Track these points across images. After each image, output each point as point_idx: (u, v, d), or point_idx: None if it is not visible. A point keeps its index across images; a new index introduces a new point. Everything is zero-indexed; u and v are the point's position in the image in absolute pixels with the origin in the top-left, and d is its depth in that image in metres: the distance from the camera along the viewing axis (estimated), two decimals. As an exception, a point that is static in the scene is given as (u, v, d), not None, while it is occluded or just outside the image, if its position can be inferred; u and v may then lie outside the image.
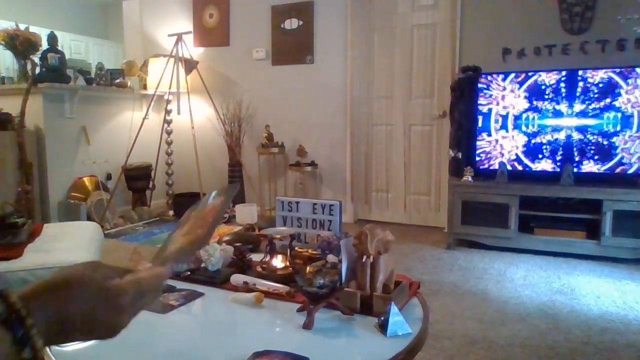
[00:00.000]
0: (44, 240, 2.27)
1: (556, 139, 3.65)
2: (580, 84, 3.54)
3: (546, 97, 3.65)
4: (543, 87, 3.65)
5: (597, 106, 3.52)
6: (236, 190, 0.76)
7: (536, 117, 3.69)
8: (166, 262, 0.57)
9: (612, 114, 3.48)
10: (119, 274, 0.50)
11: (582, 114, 3.56)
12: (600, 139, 3.53)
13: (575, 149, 3.61)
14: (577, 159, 3.60)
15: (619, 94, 3.45)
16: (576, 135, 3.60)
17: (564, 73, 3.59)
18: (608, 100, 3.48)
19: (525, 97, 3.70)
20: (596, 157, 3.56)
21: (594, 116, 3.53)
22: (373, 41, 4.66)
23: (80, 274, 0.46)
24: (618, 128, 3.48)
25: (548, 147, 3.69)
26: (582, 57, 3.79)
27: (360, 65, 4.68)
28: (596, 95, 3.51)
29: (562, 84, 3.59)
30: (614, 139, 3.49)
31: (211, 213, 0.68)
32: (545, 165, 3.71)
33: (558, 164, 3.65)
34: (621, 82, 3.44)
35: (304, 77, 4.91)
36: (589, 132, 3.56)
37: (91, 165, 4.57)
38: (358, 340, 1.19)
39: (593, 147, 3.56)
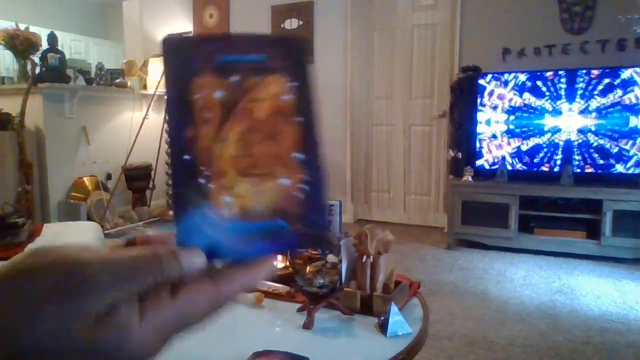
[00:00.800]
0: (44, 240, 2.27)
1: (556, 139, 3.65)
2: (581, 83, 3.54)
3: (546, 97, 3.64)
4: (543, 87, 3.64)
5: (597, 106, 3.51)
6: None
7: (536, 117, 3.69)
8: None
9: (613, 114, 3.48)
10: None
11: (582, 114, 3.56)
12: (600, 139, 3.53)
13: (575, 148, 3.61)
14: (577, 158, 3.60)
15: (621, 94, 3.45)
16: (576, 135, 3.59)
17: (563, 73, 3.59)
18: (608, 100, 3.48)
19: (525, 97, 3.70)
20: (596, 157, 3.56)
21: (593, 116, 3.53)
22: (373, 41, 4.66)
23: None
24: (622, 128, 3.48)
25: (548, 147, 3.68)
26: (582, 57, 3.79)
27: (360, 65, 4.68)
28: (596, 95, 3.51)
29: (563, 84, 3.59)
30: (615, 138, 3.49)
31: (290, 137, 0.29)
32: (545, 165, 3.71)
33: (558, 163, 3.65)
34: (636, 78, 3.44)
35: (304, 77, 4.90)
36: (588, 132, 3.56)
37: (91, 165, 4.57)
38: (358, 340, 1.19)
39: (593, 147, 3.56)
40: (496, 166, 3.78)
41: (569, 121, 3.60)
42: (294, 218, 0.28)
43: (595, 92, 3.51)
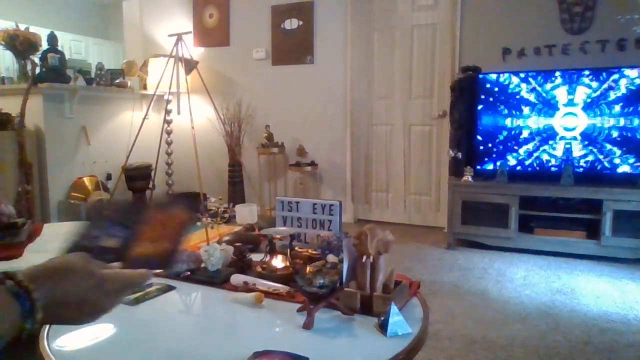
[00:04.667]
0: (44, 240, 2.27)
1: (556, 139, 3.65)
2: (581, 84, 3.54)
3: (546, 97, 3.64)
4: (543, 87, 3.65)
5: (596, 106, 3.51)
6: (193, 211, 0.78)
7: (536, 117, 3.69)
8: (137, 263, 0.65)
9: (613, 114, 3.48)
10: (104, 267, 0.59)
11: (582, 113, 3.56)
12: (600, 139, 3.53)
13: (575, 148, 3.61)
14: (577, 158, 3.60)
15: (622, 94, 3.45)
16: (576, 135, 3.59)
17: (563, 73, 3.59)
18: (608, 100, 3.48)
19: (525, 97, 3.70)
20: (596, 157, 3.56)
21: (593, 116, 3.53)
22: (373, 41, 4.66)
23: (76, 261, 0.56)
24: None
25: (547, 146, 3.68)
26: (582, 57, 3.79)
27: (360, 65, 4.68)
28: (596, 96, 3.51)
29: (563, 84, 3.59)
30: (616, 138, 3.49)
31: (176, 226, 0.71)
32: (545, 165, 3.71)
33: (558, 163, 3.65)
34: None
35: (304, 77, 4.91)
36: (588, 132, 3.56)
37: (91, 165, 4.57)
38: (358, 340, 1.19)
39: (593, 147, 3.56)
40: (496, 166, 3.78)
41: (569, 121, 3.60)
42: (161, 257, 0.67)
43: (596, 93, 3.51)
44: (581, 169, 3.59)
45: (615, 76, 3.45)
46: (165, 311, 1.39)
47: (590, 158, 3.57)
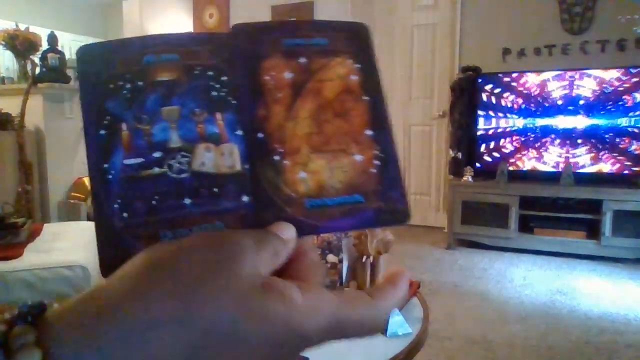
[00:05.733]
0: (44, 240, 2.27)
1: (556, 139, 3.65)
2: (581, 84, 3.54)
3: (545, 97, 3.64)
4: (543, 87, 3.64)
5: (596, 106, 3.51)
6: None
7: (536, 117, 3.69)
8: (337, 219, 0.27)
9: (613, 114, 3.48)
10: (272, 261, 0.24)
11: (582, 113, 3.56)
12: (600, 139, 3.53)
13: (574, 148, 3.61)
14: (577, 158, 3.60)
15: (622, 94, 3.45)
16: (576, 135, 3.59)
17: (563, 73, 3.59)
18: (607, 100, 3.48)
19: (525, 97, 3.70)
20: (596, 156, 3.56)
21: (593, 115, 3.53)
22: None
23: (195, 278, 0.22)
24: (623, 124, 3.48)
25: (547, 146, 3.68)
26: (582, 57, 3.79)
27: (360, 65, 4.67)
28: (596, 95, 3.51)
29: (562, 84, 3.59)
30: (614, 138, 3.50)
31: (356, 104, 0.29)
32: (545, 164, 3.71)
33: (558, 163, 3.65)
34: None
35: (304, 77, 4.91)
36: (588, 131, 3.56)
37: (91, 165, 4.56)
38: (358, 340, 1.19)
39: (593, 146, 3.56)
40: (496, 166, 3.78)
41: (569, 121, 3.60)
42: (370, 193, 0.27)
43: (596, 93, 3.51)
44: (581, 169, 3.59)
45: (615, 76, 3.45)
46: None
47: (590, 158, 3.57)
